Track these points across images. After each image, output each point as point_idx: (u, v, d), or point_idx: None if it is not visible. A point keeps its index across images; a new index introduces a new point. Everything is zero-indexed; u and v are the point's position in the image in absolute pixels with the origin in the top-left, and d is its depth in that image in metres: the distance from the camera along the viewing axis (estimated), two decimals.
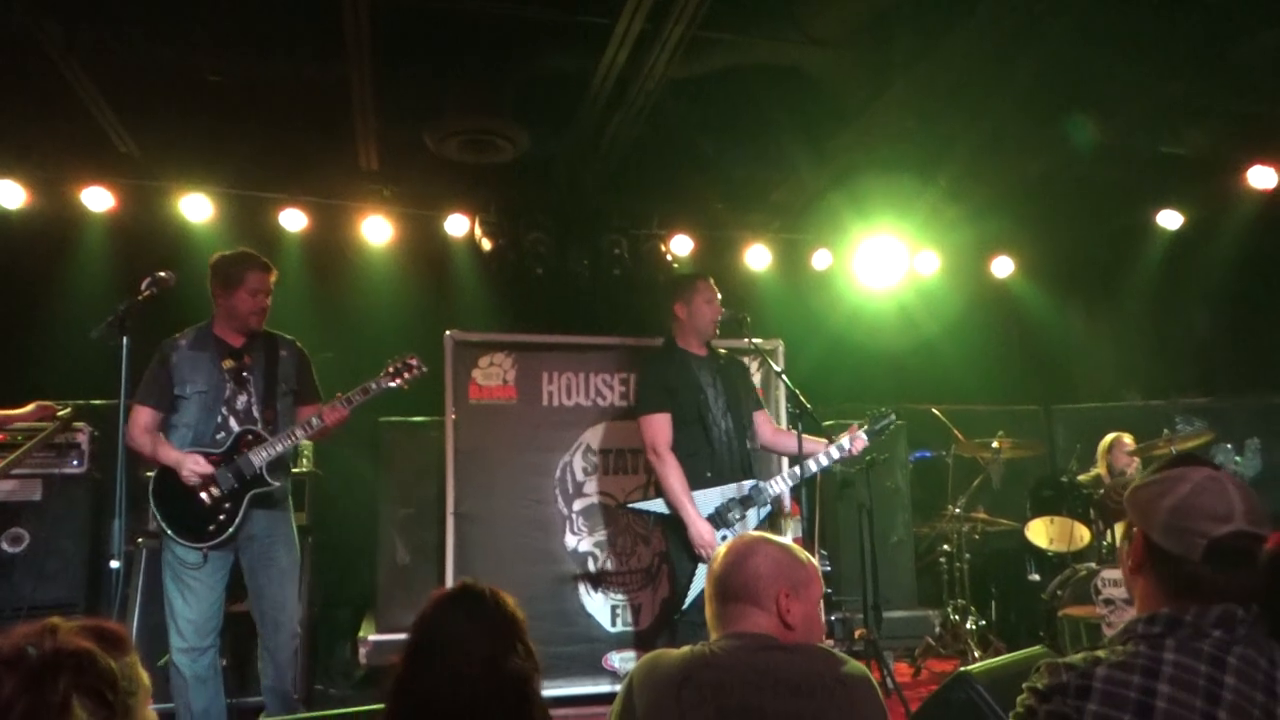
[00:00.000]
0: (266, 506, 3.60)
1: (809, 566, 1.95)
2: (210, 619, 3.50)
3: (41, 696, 1.09)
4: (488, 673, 1.50)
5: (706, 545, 3.76)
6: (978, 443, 5.28)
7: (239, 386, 3.59)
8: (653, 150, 5.47)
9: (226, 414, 3.56)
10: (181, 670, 3.46)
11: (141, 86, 4.65)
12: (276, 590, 3.61)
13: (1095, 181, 5.93)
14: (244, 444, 3.54)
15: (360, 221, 5.80)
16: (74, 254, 5.50)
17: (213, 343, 3.61)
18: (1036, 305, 7.02)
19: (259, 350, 3.67)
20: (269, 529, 3.62)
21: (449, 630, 1.55)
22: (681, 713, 1.75)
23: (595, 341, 5.02)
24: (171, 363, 3.54)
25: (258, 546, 3.60)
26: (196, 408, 3.53)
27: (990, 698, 2.73)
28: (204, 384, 3.55)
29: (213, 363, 3.57)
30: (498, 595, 1.62)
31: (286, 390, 3.71)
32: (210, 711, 3.51)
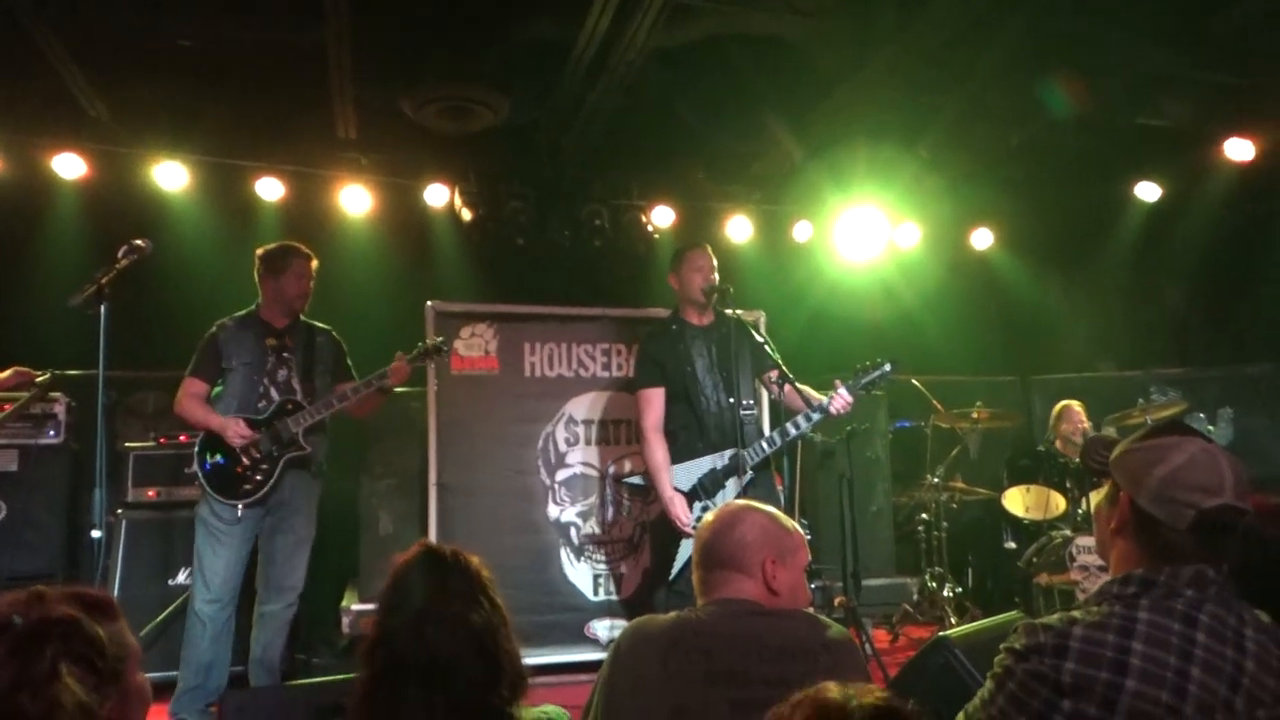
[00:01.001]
0: (300, 473, 3.85)
1: (795, 534, 1.97)
2: (235, 575, 3.74)
3: (29, 665, 1.07)
4: (454, 628, 1.53)
5: (676, 518, 3.82)
6: (956, 413, 5.33)
7: (279, 362, 3.89)
8: (634, 120, 5.44)
9: (268, 385, 3.85)
10: (203, 619, 3.66)
11: (113, 50, 4.56)
12: (288, 557, 3.83)
13: (1074, 153, 5.95)
14: (284, 412, 3.81)
15: (338, 191, 5.73)
16: (46, 222, 5.40)
17: (258, 323, 3.90)
18: (1015, 277, 7.07)
19: (299, 334, 3.97)
20: (295, 497, 3.85)
21: (415, 591, 1.57)
22: (668, 677, 1.77)
23: (578, 312, 5.00)
24: (220, 340, 3.83)
25: (282, 511, 3.83)
26: (241, 378, 3.81)
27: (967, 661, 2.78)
28: (248, 356, 3.83)
29: (257, 340, 3.86)
30: (458, 554, 1.65)
31: (324, 370, 3.98)
32: (215, 666, 3.68)
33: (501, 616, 1.61)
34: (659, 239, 6.22)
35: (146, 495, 4.37)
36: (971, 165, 6.14)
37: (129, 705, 1.18)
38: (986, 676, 1.67)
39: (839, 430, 4.99)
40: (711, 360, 4.02)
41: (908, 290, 6.85)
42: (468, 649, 1.52)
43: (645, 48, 4.45)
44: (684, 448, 3.94)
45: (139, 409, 4.92)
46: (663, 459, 3.92)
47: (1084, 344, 7.18)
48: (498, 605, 1.61)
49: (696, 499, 3.88)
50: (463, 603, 1.56)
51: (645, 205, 6.14)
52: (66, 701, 1.06)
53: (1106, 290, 7.07)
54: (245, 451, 3.73)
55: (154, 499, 4.37)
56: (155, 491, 4.37)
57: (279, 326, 3.91)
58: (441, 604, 1.55)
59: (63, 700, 1.05)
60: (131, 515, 4.31)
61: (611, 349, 5.01)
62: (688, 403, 3.97)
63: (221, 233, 5.32)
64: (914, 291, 6.85)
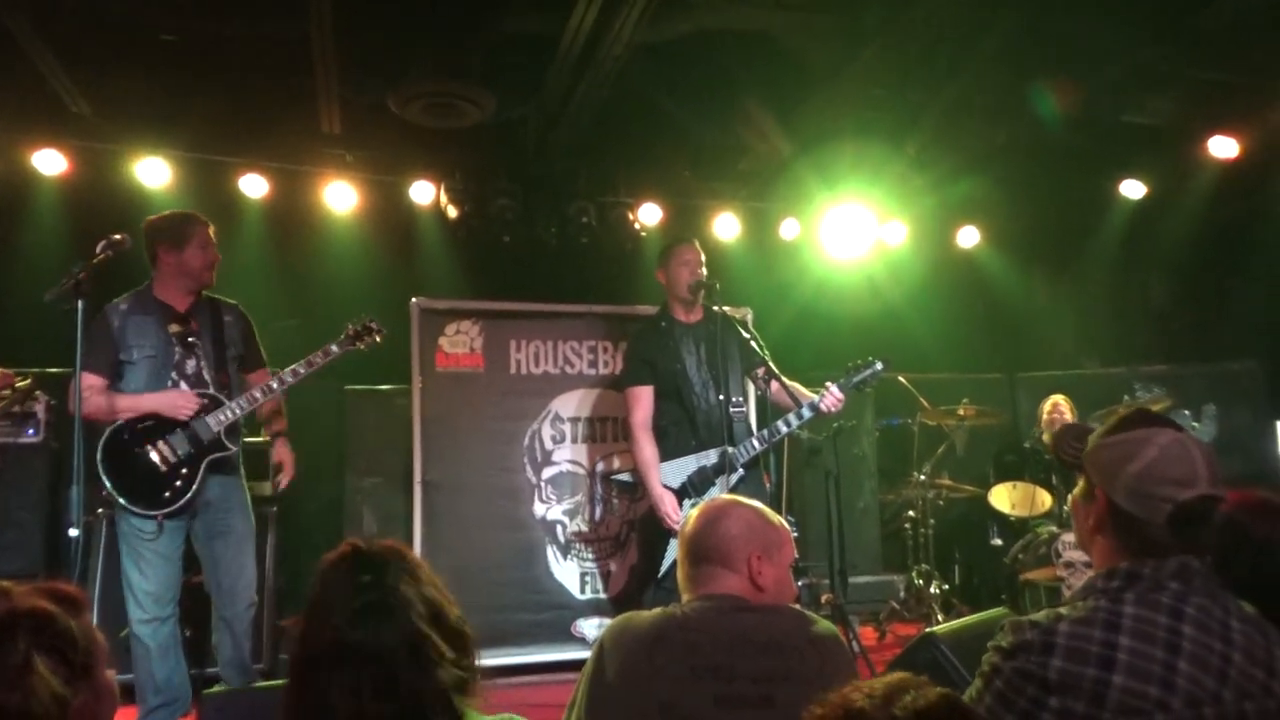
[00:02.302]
0: (223, 472, 3.52)
1: (781, 529, 1.96)
2: (168, 589, 3.42)
3: (1, 657, 1.05)
4: (372, 616, 1.43)
5: (665, 515, 3.82)
6: (943, 410, 5.34)
7: (187, 351, 3.49)
8: (621, 117, 5.42)
9: (176, 378, 3.46)
10: (144, 640, 3.38)
11: (95, 45, 4.50)
12: (233, 558, 3.53)
13: (1060, 150, 5.97)
14: (199, 409, 3.45)
15: (323, 187, 5.69)
16: (25, 219, 5.34)
17: (156, 306, 3.49)
18: (1001, 274, 7.09)
19: (204, 314, 3.57)
20: (224, 495, 3.54)
21: (330, 592, 1.49)
22: (654, 673, 1.75)
23: (563, 309, 4.98)
24: (114, 327, 3.40)
25: (213, 513, 3.51)
26: (145, 373, 3.42)
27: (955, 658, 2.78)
28: (151, 348, 3.43)
29: (158, 326, 3.46)
30: (382, 544, 1.56)
31: (235, 354, 3.63)
32: (173, 680, 3.44)
33: (418, 593, 1.47)
34: (646, 236, 6.21)
35: None
36: (958, 163, 6.16)
37: (100, 701, 1.16)
38: (975, 675, 1.66)
39: (825, 428, 4.99)
40: (700, 358, 4.01)
41: (894, 288, 6.86)
42: (388, 635, 1.40)
43: (632, 42, 4.44)
44: (674, 445, 3.93)
45: None
46: (651, 456, 3.91)
47: (1069, 341, 7.22)
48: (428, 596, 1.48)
49: (686, 496, 3.87)
50: (381, 590, 1.45)
51: (632, 202, 6.13)
52: (41, 692, 1.04)
53: (1091, 287, 7.10)
54: (160, 454, 3.35)
55: None
56: None
57: (181, 309, 3.50)
58: (356, 594, 1.43)
59: (37, 691, 1.04)
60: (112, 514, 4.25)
61: (598, 346, 5.00)
62: (678, 400, 3.96)
63: None
64: (901, 289, 6.87)
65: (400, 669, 1.42)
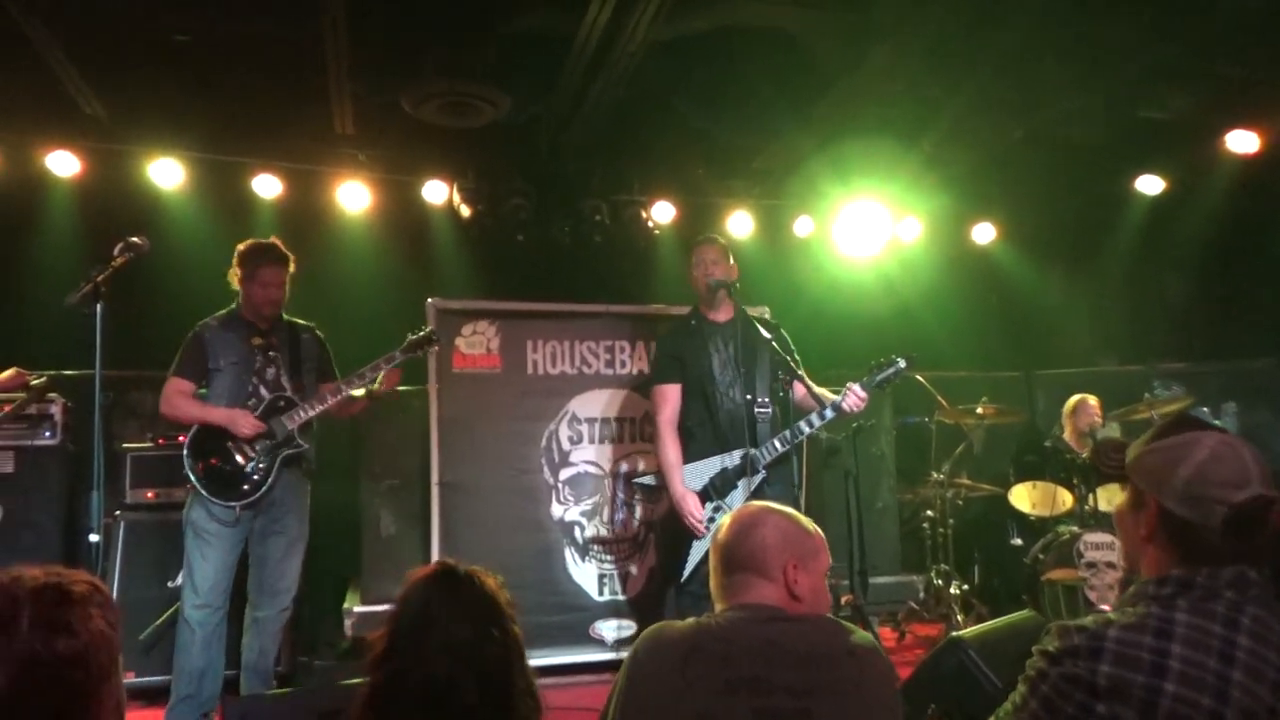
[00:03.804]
0: (293, 472, 3.79)
1: (816, 537, 1.92)
2: (225, 578, 3.66)
3: (58, 605, 1.19)
4: (461, 654, 1.49)
5: (687, 515, 3.79)
6: (962, 409, 5.28)
7: (267, 361, 3.82)
8: (634, 115, 5.39)
9: (257, 383, 3.78)
10: (192, 625, 3.59)
11: (108, 46, 4.49)
12: (281, 560, 3.75)
13: (1076, 146, 5.93)
14: (276, 409, 3.75)
15: (336, 188, 5.67)
16: (40, 220, 5.33)
17: (241, 324, 3.83)
18: (1017, 271, 7.04)
19: (283, 333, 3.91)
20: (286, 495, 3.78)
21: (426, 615, 1.54)
22: (687, 684, 1.72)
23: (580, 309, 4.95)
24: (205, 340, 3.76)
25: (274, 512, 3.75)
26: (230, 378, 3.75)
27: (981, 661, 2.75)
28: (236, 357, 3.77)
29: (243, 339, 3.80)
30: (474, 576, 1.61)
31: (310, 367, 3.92)
32: (208, 673, 3.60)
33: (518, 649, 1.57)
34: (660, 235, 6.18)
35: (145, 497, 4.32)
36: (974, 159, 6.11)
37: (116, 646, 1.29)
38: (1000, 677, 1.63)
39: (845, 427, 4.94)
40: (728, 357, 3.96)
41: (909, 285, 6.82)
42: (471, 677, 1.48)
43: (646, 40, 4.40)
44: (698, 445, 3.91)
45: (136, 409, 4.87)
46: (675, 457, 3.88)
47: (1086, 339, 7.16)
48: (513, 635, 1.57)
49: (708, 499, 3.84)
50: (473, 630, 1.52)
51: (646, 200, 6.10)
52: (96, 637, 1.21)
53: (1108, 284, 7.04)
54: (241, 450, 3.65)
55: (152, 500, 4.32)
56: (154, 493, 4.32)
57: (262, 327, 3.85)
58: (451, 628, 1.51)
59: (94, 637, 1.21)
60: (130, 517, 4.27)
61: (615, 346, 4.97)
62: (703, 399, 3.93)
63: (218, 230, 5.24)
64: (915, 286, 6.82)
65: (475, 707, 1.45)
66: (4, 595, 1.19)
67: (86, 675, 1.19)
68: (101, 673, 1.21)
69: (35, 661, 1.15)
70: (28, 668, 1.14)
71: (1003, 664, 2.71)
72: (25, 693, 1.14)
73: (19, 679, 1.13)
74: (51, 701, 1.16)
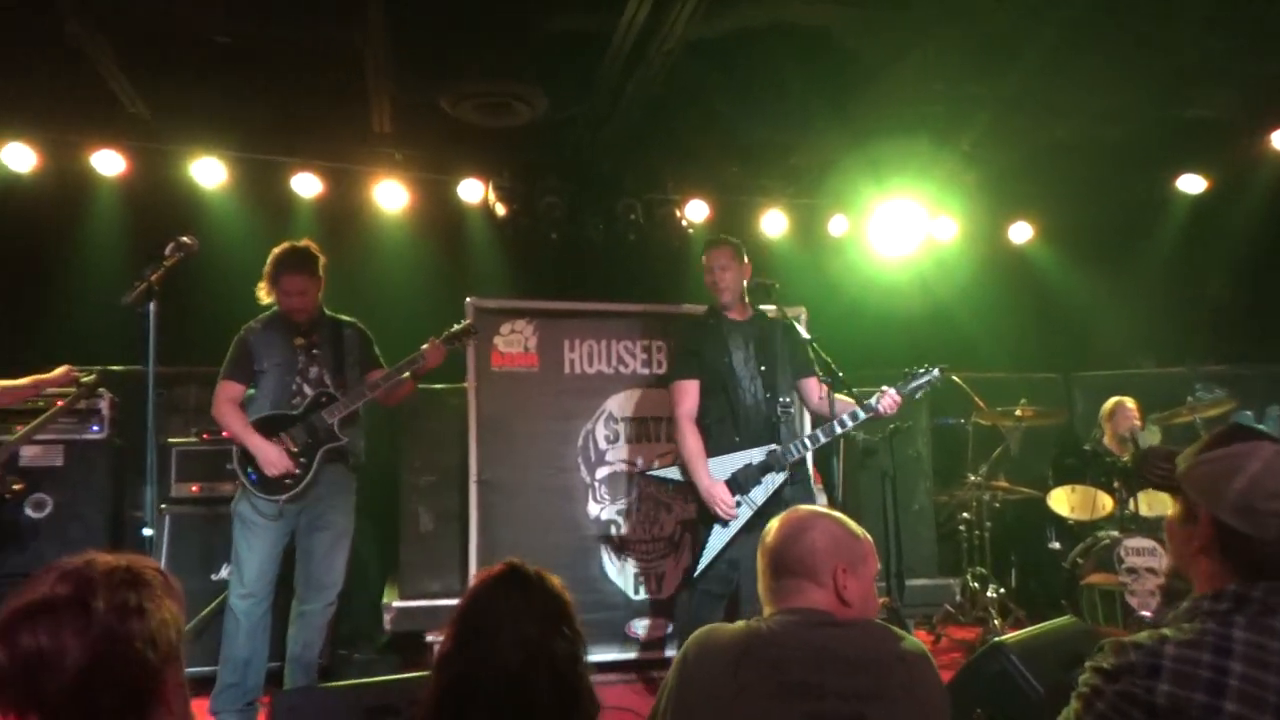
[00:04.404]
0: (337, 467, 3.85)
1: (865, 542, 1.92)
2: (270, 569, 3.74)
3: (131, 588, 1.25)
4: (533, 652, 1.50)
5: (717, 503, 3.78)
6: (1000, 410, 5.23)
7: (310, 360, 3.88)
8: (668, 113, 5.39)
9: (301, 382, 3.85)
10: (238, 614, 3.68)
11: (152, 47, 4.55)
12: (326, 554, 3.81)
13: (1118, 145, 5.85)
14: (318, 405, 3.81)
15: (373, 186, 5.72)
16: (85, 218, 5.43)
17: (283, 324, 3.89)
18: (1054, 271, 6.96)
19: (325, 329, 3.96)
20: (331, 490, 3.83)
21: (496, 613, 1.55)
22: (739, 688, 1.73)
23: (617, 309, 4.96)
24: (250, 342, 3.84)
25: (319, 508, 3.81)
26: (274, 379, 3.82)
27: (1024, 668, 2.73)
28: (279, 358, 3.84)
29: (285, 340, 3.86)
30: (543, 576, 1.63)
31: (354, 362, 3.97)
32: (252, 662, 3.68)
33: (583, 646, 1.59)
34: (693, 233, 6.17)
35: (189, 490, 4.39)
36: (1012, 158, 6.05)
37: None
38: (1072, 696, 1.61)
39: (881, 428, 4.92)
40: (749, 354, 3.98)
41: (945, 285, 6.77)
42: (544, 675, 1.50)
43: (683, 38, 4.40)
44: (719, 441, 3.90)
45: (180, 404, 4.94)
46: (698, 448, 3.87)
47: (1125, 340, 7.06)
48: (579, 634, 1.59)
49: (731, 494, 3.83)
50: (543, 627, 1.54)
51: (679, 199, 6.11)
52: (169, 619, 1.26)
53: (1148, 285, 6.93)
54: (283, 445, 3.71)
55: (197, 494, 4.40)
56: (198, 486, 4.40)
57: (303, 326, 3.90)
58: (521, 626, 1.53)
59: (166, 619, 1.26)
60: (175, 510, 4.35)
61: (652, 345, 4.98)
62: (725, 395, 3.93)
63: (259, 229, 5.32)
64: (951, 286, 6.77)
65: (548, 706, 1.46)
66: (80, 577, 1.23)
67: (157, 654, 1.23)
68: (171, 652, 1.26)
69: (112, 639, 1.19)
70: (105, 646, 1.18)
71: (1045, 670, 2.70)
72: (103, 670, 1.18)
73: (97, 657, 1.18)
74: (126, 679, 1.20)
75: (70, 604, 1.19)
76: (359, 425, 3.96)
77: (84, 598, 1.20)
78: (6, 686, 1.16)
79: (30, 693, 1.16)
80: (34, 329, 5.17)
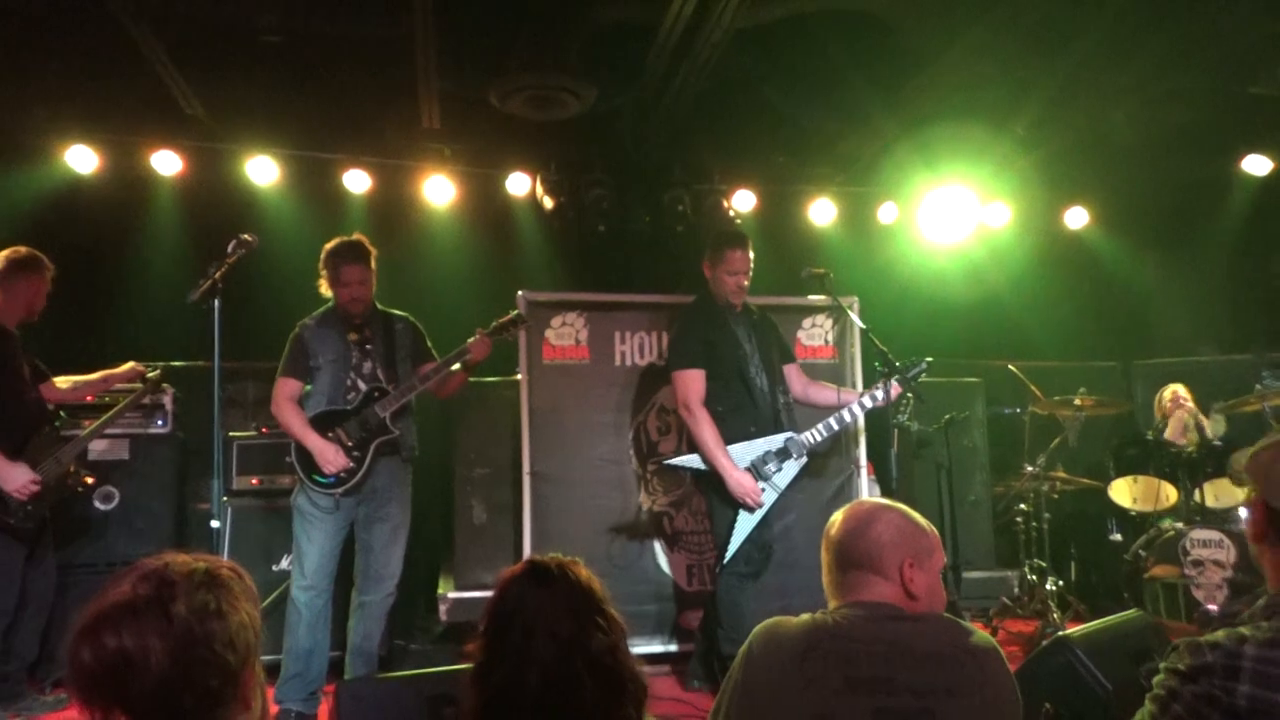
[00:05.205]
0: (392, 460, 3.89)
1: (931, 535, 1.90)
2: (330, 561, 3.80)
3: (210, 590, 1.25)
4: (569, 650, 1.48)
5: (748, 493, 3.81)
6: (1058, 400, 5.12)
7: (363, 355, 3.92)
8: (716, 102, 5.36)
9: (355, 377, 3.88)
10: (300, 607, 3.75)
11: (207, 48, 4.64)
12: (384, 546, 3.86)
13: (1179, 126, 5.68)
14: (371, 399, 3.85)
15: (423, 181, 5.77)
16: (145, 217, 5.55)
17: (337, 320, 3.94)
18: (1112, 257, 6.80)
19: (378, 324, 4.00)
20: (389, 483, 3.88)
21: (524, 614, 1.51)
22: (806, 683, 1.71)
23: (667, 300, 4.94)
24: (305, 339, 3.89)
25: (377, 500, 3.86)
26: (328, 376, 3.87)
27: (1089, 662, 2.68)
28: (333, 354, 3.88)
29: (339, 336, 3.91)
30: (565, 567, 1.58)
31: (405, 356, 4.00)
32: (314, 653, 3.75)
33: (620, 630, 1.55)
34: (741, 223, 6.13)
35: (250, 483, 4.48)
36: (1067, 141, 5.91)
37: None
38: (1146, 698, 1.58)
39: (936, 419, 4.86)
40: (754, 345, 4.07)
41: (998, 272, 6.65)
42: (582, 668, 1.47)
43: (731, 27, 4.36)
44: (734, 430, 3.91)
45: (239, 398, 5.04)
46: (717, 436, 3.87)
47: (1186, 327, 6.87)
48: (614, 620, 1.55)
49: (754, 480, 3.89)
50: (574, 621, 1.50)
51: (726, 189, 6.07)
52: (247, 620, 1.28)
53: (1210, 270, 6.74)
54: (338, 440, 3.76)
55: (257, 486, 4.49)
56: (258, 479, 4.48)
57: (357, 321, 3.93)
58: (551, 624, 1.49)
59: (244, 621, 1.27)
60: (236, 503, 4.43)
61: None
62: (742, 383, 3.97)
63: (311, 225, 5.40)
64: (1005, 273, 6.65)
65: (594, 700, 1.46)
66: (160, 580, 1.24)
67: (236, 657, 1.24)
68: (249, 653, 1.27)
69: (193, 642, 1.20)
70: (186, 648, 1.19)
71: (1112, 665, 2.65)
72: (184, 671, 1.19)
73: (179, 659, 1.19)
74: (207, 680, 1.21)
75: (151, 605, 1.20)
76: (411, 417, 3.99)
77: (164, 600, 1.21)
78: (96, 686, 1.18)
79: (118, 692, 1.17)
80: (97, 327, 5.29)
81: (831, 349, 5.09)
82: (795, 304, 5.04)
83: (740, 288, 4.05)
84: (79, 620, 1.21)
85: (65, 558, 4.14)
